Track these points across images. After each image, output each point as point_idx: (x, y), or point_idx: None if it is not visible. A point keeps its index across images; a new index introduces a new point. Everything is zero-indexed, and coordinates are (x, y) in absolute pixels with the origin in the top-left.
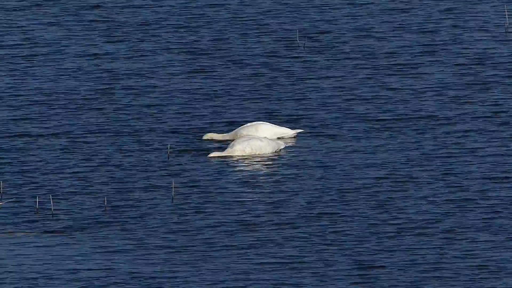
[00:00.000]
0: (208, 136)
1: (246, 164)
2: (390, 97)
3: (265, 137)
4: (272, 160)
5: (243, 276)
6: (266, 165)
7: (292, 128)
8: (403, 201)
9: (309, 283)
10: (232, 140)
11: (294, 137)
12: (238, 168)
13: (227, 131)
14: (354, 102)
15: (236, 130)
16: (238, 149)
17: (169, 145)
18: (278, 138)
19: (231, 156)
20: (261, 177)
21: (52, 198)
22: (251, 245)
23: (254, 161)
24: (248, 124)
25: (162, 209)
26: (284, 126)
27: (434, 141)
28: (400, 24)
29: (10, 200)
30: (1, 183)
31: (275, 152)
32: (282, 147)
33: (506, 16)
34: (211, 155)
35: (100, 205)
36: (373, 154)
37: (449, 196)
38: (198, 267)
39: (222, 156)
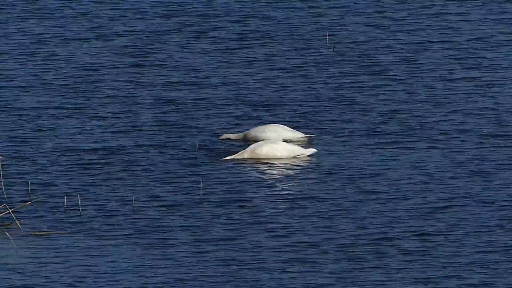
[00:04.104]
0: (225, 136)
1: (261, 168)
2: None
3: (288, 140)
4: (287, 165)
5: (269, 279)
6: (276, 169)
7: (306, 133)
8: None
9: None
10: (244, 140)
11: (312, 142)
12: (252, 171)
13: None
14: (383, 112)
15: (247, 130)
16: (249, 152)
17: (197, 144)
18: (285, 141)
19: (244, 159)
20: (273, 180)
21: (80, 197)
22: (278, 248)
23: (270, 164)
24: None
25: (189, 209)
26: (298, 130)
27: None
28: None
29: (38, 199)
30: (29, 183)
31: (296, 157)
32: (309, 153)
33: None
34: (223, 158)
35: (129, 204)
36: (402, 165)
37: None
38: (226, 268)
39: (236, 159)
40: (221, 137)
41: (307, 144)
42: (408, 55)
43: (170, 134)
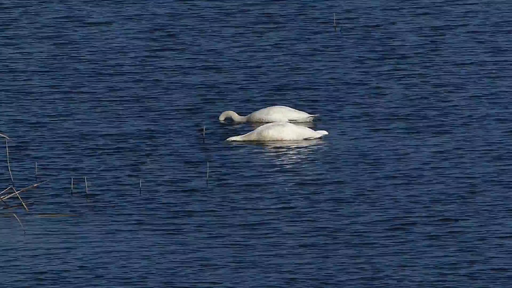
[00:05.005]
0: (226, 114)
1: (272, 152)
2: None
3: (293, 121)
4: (300, 148)
5: (276, 260)
6: (288, 153)
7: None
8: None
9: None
10: (249, 123)
11: (316, 122)
12: (260, 153)
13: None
14: (392, 98)
15: (252, 113)
16: (256, 134)
17: (204, 127)
18: (290, 121)
19: (250, 141)
20: (283, 163)
21: (86, 180)
22: (285, 232)
23: (280, 148)
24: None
25: (196, 191)
26: (303, 111)
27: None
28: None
29: (44, 181)
30: (36, 165)
31: (305, 139)
32: (319, 135)
33: None
34: (230, 139)
35: (135, 186)
36: (404, 148)
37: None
38: (234, 250)
39: (241, 141)
40: (220, 117)
41: (313, 124)
42: (427, 39)
43: (181, 118)
